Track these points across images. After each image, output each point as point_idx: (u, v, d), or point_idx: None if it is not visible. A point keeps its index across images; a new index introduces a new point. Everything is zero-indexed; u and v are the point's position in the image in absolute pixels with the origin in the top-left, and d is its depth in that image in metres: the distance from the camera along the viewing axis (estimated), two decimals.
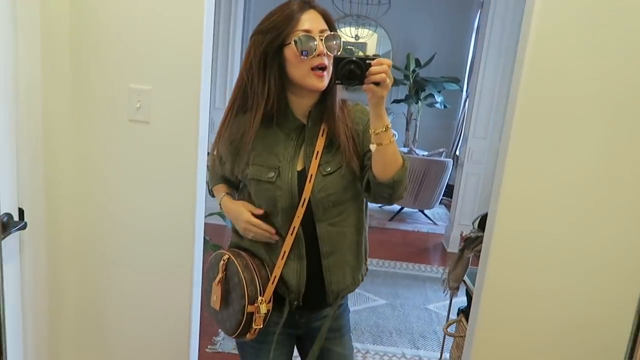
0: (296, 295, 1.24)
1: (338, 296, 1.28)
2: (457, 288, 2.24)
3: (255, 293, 1.19)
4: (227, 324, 1.24)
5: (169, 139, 1.67)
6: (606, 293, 1.63)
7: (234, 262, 1.22)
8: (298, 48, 1.13)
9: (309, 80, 1.15)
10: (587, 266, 1.62)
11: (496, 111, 4.15)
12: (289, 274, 1.22)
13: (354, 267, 1.29)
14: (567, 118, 1.53)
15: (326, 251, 1.23)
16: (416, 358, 2.68)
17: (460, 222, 4.34)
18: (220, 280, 1.23)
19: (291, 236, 1.20)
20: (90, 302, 1.83)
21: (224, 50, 4.44)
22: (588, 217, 1.59)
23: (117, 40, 1.60)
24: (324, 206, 1.20)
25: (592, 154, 1.55)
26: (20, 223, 1.39)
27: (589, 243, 1.60)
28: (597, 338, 1.67)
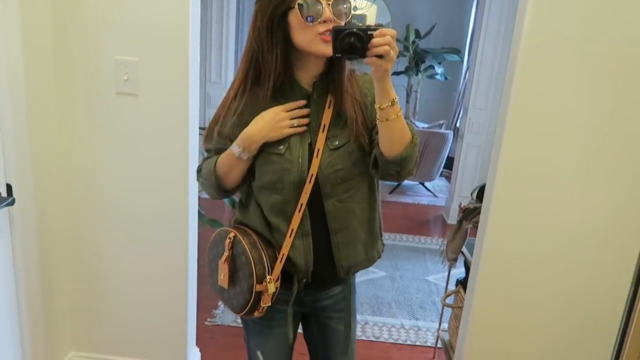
0: (305, 274, 1.20)
1: (349, 271, 1.24)
2: (456, 259, 2.23)
3: (264, 272, 1.16)
4: (234, 302, 1.21)
5: (159, 111, 1.64)
6: (603, 262, 1.62)
7: (241, 240, 1.18)
8: (302, 13, 1.05)
9: (315, 45, 1.07)
10: (584, 235, 1.60)
11: (496, 82, 4.08)
12: (296, 252, 1.18)
13: (367, 243, 1.24)
14: (565, 86, 1.50)
15: (335, 228, 1.18)
16: (415, 329, 2.70)
17: (461, 194, 4.32)
18: (227, 259, 1.20)
19: (299, 213, 1.16)
20: (83, 277, 1.83)
21: (218, 23, 4.35)
22: (586, 186, 1.56)
23: (101, 10, 1.56)
24: (332, 182, 1.15)
25: (589, 123, 1.51)
26: (9, 199, 1.37)
27: (587, 212, 1.58)
28: (594, 306, 1.66)
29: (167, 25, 1.56)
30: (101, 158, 1.69)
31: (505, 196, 1.61)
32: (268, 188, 1.17)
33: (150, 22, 1.56)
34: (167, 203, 1.73)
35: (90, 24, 1.57)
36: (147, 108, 1.63)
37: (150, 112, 1.64)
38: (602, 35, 1.45)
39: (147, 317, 1.86)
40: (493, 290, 1.70)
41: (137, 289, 1.84)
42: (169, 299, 1.84)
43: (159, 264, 1.80)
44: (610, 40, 1.45)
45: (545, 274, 1.66)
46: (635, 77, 1.46)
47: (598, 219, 1.59)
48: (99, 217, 1.76)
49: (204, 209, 2.18)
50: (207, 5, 4.22)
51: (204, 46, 4.31)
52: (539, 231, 1.62)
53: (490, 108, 4.16)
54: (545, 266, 1.65)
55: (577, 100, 1.50)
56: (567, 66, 1.48)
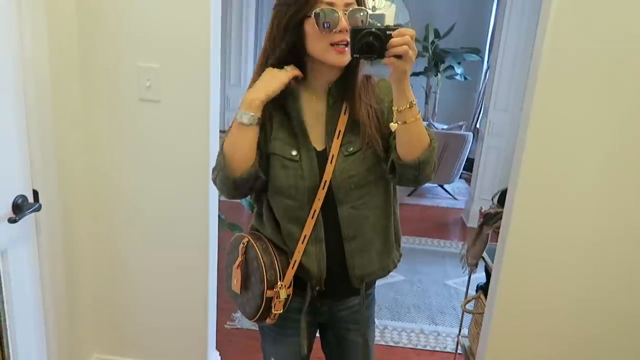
0: (318, 281, 1.19)
1: (362, 281, 1.21)
2: (476, 264, 2.20)
3: (275, 278, 1.15)
4: (247, 308, 1.21)
5: (180, 117, 1.66)
6: (630, 268, 1.58)
7: (254, 245, 1.18)
8: (318, 22, 1.05)
9: (329, 55, 1.08)
10: (609, 240, 1.57)
11: (518, 82, 4.02)
12: (309, 259, 1.17)
13: (382, 252, 1.22)
14: (588, 90, 1.47)
15: (348, 235, 1.17)
16: (434, 334, 2.68)
17: (481, 197, 4.27)
18: (240, 264, 1.20)
19: (312, 219, 1.15)
20: (107, 281, 1.86)
21: (237, 25, 4.38)
22: (610, 190, 1.53)
23: (123, 19, 1.58)
24: (346, 188, 1.14)
25: (614, 126, 1.49)
26: (35, 205, 1.40)
27: (612, 216, 1.55)
28: (619, 313, 1.63)
29: (188, 31, 1.57)
30: (125, 163, 1.71)
31: (527, 201, 1.58)
32: (282, 193, 1.16)
33: (172, 29, 1.58)
34: (189, 207, 1.75)
35: (114, 32, 1.59)
36: (169, 114, 1.65)
37: (172, 118, 1.66)
38: (626, 38, 1.42)
39: (168, 320, 1.89)
40: (515, 297, 1.67)
41: (158, 292, 1.86)
42: (190, 302, 1.86)
43: (180, 267, 1.82)
44: (633, 43, 1.42)
45: (568, 281, 1.63)
46: None
47: (623, 224, 1.55)
48: (123, 221, 1.78)
49: (223, 212, 2.20)
50: (227, 8, 4.26)
51: (223, 49, 4.34)
52: (562, 236, 1.59)
53: (512, 109, 4.10)
54: (569, 272, 1.62)
55: (601, 104, 1.47)
56: (590, 69, 1.45)
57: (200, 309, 1.87)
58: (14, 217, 1.30)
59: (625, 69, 1.44)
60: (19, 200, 1.34)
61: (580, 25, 1.43)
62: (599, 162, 1.52)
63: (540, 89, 1.49)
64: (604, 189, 1.54)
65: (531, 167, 1.55)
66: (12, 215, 1.31)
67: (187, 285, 1.84)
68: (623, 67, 1.44)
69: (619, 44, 1.42)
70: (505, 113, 4.15)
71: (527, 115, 1.54)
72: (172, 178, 1.72)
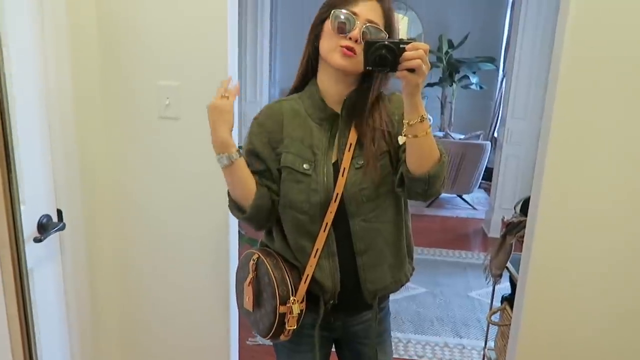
0: (332, 295, 1.18)
1: (375, 296, 1.20)
2: (500, 275, 2.17)
3: (287, 293, 1.14)
4: (260, 325, 1.20)
5: (200, 135, 1.66)
6: None
7: (264, 261, 1.17)
8: (333, 22, 1.08)
9: (334, 55, 1.09)
10: (637, 246, 1.53)
11: (535, 90, 3.98)
12: (322, 273, 1.16)
13: (394, 265, 1.21)
14: (612, 94, 1.45)
15: (360, 249, 1.16)
16: (459, 347, 2.63)
17: (501, 206, 4.21)
18: (251, 281, 1.19)
19: (324, 233, 1.14)
20: (130, 298, 1.87)
21: (252, 43, 4.43)
22: (636, 196, 1.49)
23: (143, 39, 1.61)
24: (357, 201, 1.14)
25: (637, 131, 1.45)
26: (60, 224, 1.42)
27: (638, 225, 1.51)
28: None
29: (205, 48, 1.60)
30: (146, 181, 1.73)
31: (551, 209, 1.55)
32: (293, 207, 1.16)
33: (190, 48, 1.60)
34: (209, 223, 1.76)
35: (134, 52, 1.62)
36: (189, 131, 1.67)
37: (192, 135, 1.67)
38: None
39: (190, 337, 1.88)
40: (542, 308, 1.63)
41: (180, 309, 1.86)
42: (211, 319, 1.85)
43: (202, 284, 1.82)
44: None
45: (596, 290, 1.59)
46: None
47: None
48: (144, 239, 1.79)
49: (243, 228, 2.20)
50: (242, 26, 4.32)
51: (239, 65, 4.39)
52: (589, 244, 1.56)
53: (530, 117, 4.06)
54: (597, 281, 1.58)
55: (622, 109, 1.45)
56: (611, 74, 1.43)
57: (222, 326, 1.86)
58: (39, 236, 1.32)
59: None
60: (44, 219, 1.36)
61: (599, 29, 1.41)
62: (623, 167, 1.49)
63: (561, 96, 1.47)
64: (629, 195, 1.50)
65: (554, 175, 1.53)
66: (37, 234, 1.33)
67: (208, 302, 1.84)
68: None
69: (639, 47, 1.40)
70: (524, 121, 4.11)
71: (548, 122, 1.52)
72: (193, 195, 1.73)
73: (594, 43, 1.42)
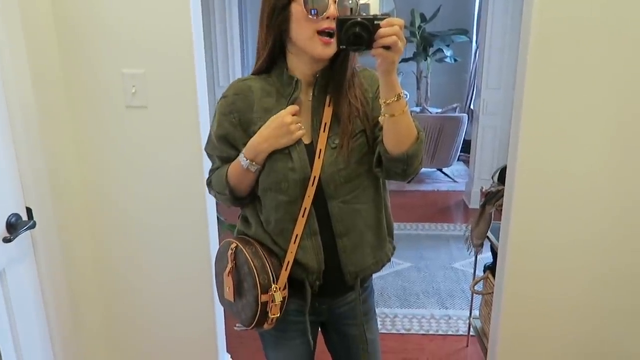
0: (317, 276, 1.16)
1: (357, 277, 1.19)
2: (482, 245, 2.19)
3: (268, 281, 1.12)
4: (243, 315, 1.18)
5: (170, 121, 1.63)
6: (635, 239, 1.57)
7: (242, 250, 1.15)
8: (306, 5, 1.01)
9: (313, 45, 1.04)
10: (614, 210, 1.56)
11: (508, 59, 4.00)
12: (305, 254, 1.14)
13: (375, 246, 1.20)
14: (584, 59, 1.45)
15: (340, 231, 1.14)
16: (445, 318, 2.67)
17: (481, 177, 4.26)
18: (231, 271, 1.17)
19: (302, 218, 1.12)
20: (110, 293, 1.84)
21: (222, 25, 4.34)
22: (613, 159, 1.51)
23: (103, 26, 1.55)
24: (336, 182, 1.11)
25: (613, 95, 1.46)
26: (30, 222, 1.37)
27: (616, 187, 1.54)
28: (626, 286, 1.61)
29: (169, 34, 1.55)
30: (117, 172, 1.69)
31: (527, 177, 1.56)
32: (273, 189, 1.13)
33: (153, 33, 1.55)
34: (186, 211, 1.73)
35: (95, 39, 1.56)
36: (158, 119, 1.63)
37: (161, 123, 1.63)
38: (618, 7, 1.39)
39: (176, 328, 1.87)
40: (523, 274, 1.66)
41: (163, 299, 1.84)
42: (196, 308, 1.84)
43: (183, 274, 1.80)
44: (627, 10, 1.39)
45: (575, 253, 1.61)
46: None
47: (629, 193, 1.53)
48: (120, 231, 1.76)
49: (222, 214, 2.17)
50: (210, 10, 4.22)
51: (209, 50, 4.30)
52: (567, 212, 1.57)
53: (504, 87, 4.08)
54: (576, 246, 1.60)
55: (595, 74, 1.46)
56: (583, 39, 1.43)
57: (207, 314, 1.85)
58: (8, 236, 1.27)
59: (620, 36, 1.42)
60: (12, 219, 1.32)
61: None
62: (597, 134, 1.50)
63: (532, 64, 1.47)
64: (605, 158, 1.52)
65: (529, 144, 1.53)
66: (6, 234, 1.28)
67: (192, 292, 1.82)
68: (617, 35, 1.42)
69: (611, 10, 1.40)
70: (498, 91, 4.13)
71: (521, 90, 1.52)
72: (167, 183, 1.69)
73: (563, 5, 1.41)
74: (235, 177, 1.16)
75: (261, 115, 1.13)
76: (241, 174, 1.14)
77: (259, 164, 1.12)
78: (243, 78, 1.19)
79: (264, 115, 1.12)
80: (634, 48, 1.42)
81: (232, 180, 1.17)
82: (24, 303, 1.42)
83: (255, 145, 1.11)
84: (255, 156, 1.11)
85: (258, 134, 1.11)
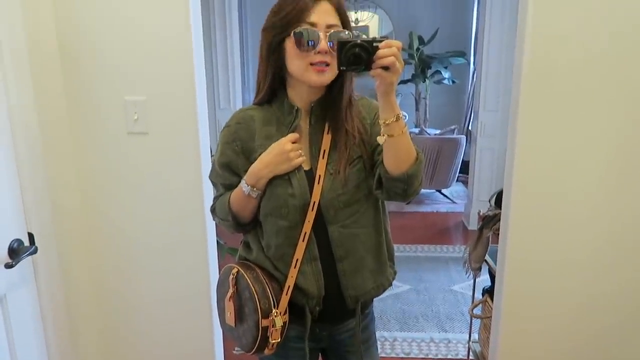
0: (317, 301, 1.17)
1: (357, 301, 1.20)
2: (480, 268, 2.20)
3: (269, 306, 1.13)
4: (243, 340, 1.19)
5: (170, 147, 1.66)
6: (632, 260, 1.58)
7: (244, 275, 1.16)
8: (297, 41, 1.06)
9: (308, 75, 1.09)
10: (610, 233, 1.57)
11: (505, 82, 4.05)
12: (306, 279, 1.15)
13: (375, 270, 1.21)
14: (576, 83, 1.48)
15: (340, 255, 1.16)
16: (445, 342, 2.65)
17: (479, 198, 4.27)
18: (232, 296, 1.18)
19: (303, 242, 1.14)
20: (110, 316, 1.84)
21: (222, 52, 4.41)
22: (608, 181, 1.53)
23: (106, 56, 1.59)
24: (335, 207, 1.13)
25: (606, 118, 1.49)
26: (31, 247, 1.39)
27: (611, 210, 1.55)
28: (626, 307, 1.62)
29: (171, 61, 1.58)
30: (118, 198, 1.71)
31: (523, 201, 1.58)
32: (273, 214, 1.16)
33: (154, 60, 1.58)
34: (186, 235, 1.74)
35: (98, 67, 1.60)
36: (159, 144, 1.65)
37: (162, 148, 1.66)
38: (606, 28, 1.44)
39: (175, 351, 1.86)
40: (521, 298, 1.66)
41: (162, 323, 1.84)
42: (195, 331, 1.84)
43: (182, 297, 1.80)
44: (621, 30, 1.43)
45: (572, 279, 1.62)
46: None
47: (624, 215, 1.55)
48: (121, 256, 1.77)
49: (222, 238, 2.19)
50: (210, 33, 4.29)
51: (210, 73, 4.37)
52: (562, 234, 1.59)
53: (502, 109, 4.12)
54: (572, 270, 1.61)
55: (587, 97, 1.48)
56: (575, 63, 1.46)
57: (206, 337, 1.85)
58: (10, 262, 1.29)
59: (611, 60, 1.45)
60: (15, 244, 1.33)
61: (560, 17, 1.44)
62: (591, 157, 1.52)
63: (525, 88, 1.50)
64: (599, 183, 1.54)
65: (524, 167, 1.56)
66: (8, 260, 1.30)
67: (190, 314, 1.82)
68: (608, 59, 1.45)
69: (606, 31, 1.43)
70: (496, 113, 4.17)
71: (515, 115, 1.55)
72: (167, 208, 1.71)
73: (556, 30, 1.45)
74: (237, 204, 1.18)
75: (262, 142, 1.16)
76: (243, 200, 1.17)
77: (260, 189, 1.15)
78: (245, 108, 1.24)
79: (265, 142, 1.16)
80: (629, 70, 1.45)
81: (235, 206, 1.19)
82: (24, 327, 1.42)
83: (256, 172, 1.14)
84: (256, 182, 1.14)
85: (259, 160, 1.14)
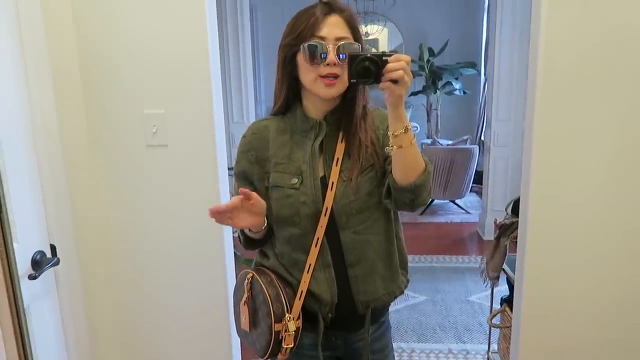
0: (331, 307, 1.18)
1: (368, 306, 1.21)
2: (497, 278, 2.18)
3: (282, 310, 1.14)
4: (257, 345, 1.20)
5: (188, 159, 1.68)
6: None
7: (258, 279, 1.18)
8: (306, 55, 1.11)
9: (317, 87, 1.12)
10: (629, 239, 1.55)
11: (517, 91, 4.05)
12: (319, 285, 1.17)
13: (386, 277, 1.22)
14: (590, 89, 1.48)
15: (351, 260, 1.17)
16: (463, 352, 2.62)
17: (494, 208, 4.24)
18: (247, 300, 1.20)
19: (315, 248, 1.15)
20: (130, 329, 1.85)
21: (235, 64, 4.47)
22: (626, 189, 1.52)
23: (126, 70, 1.62)
24: (347, 213, 1.15)
25: (619, 124, 1.49)
26: (54, 259, 1.41)
27: (629, 216, 1.54)
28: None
29: (189, 75, 1.61)
30: (137, 209, 1.73)
31: (541, 208, 1.57)
32: (285, 222, 1.18)
33: (173, 74, 1.61)
34: (204, 247, 1.75)
35: (118, 81, 1.63)
36: (177, 157, 1.67)
37: (181, 160, 1.68)
38: (621, 34, 1.44)
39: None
40: (540, 307, 1.64)
41: (181, 336, 1.84)
42: (213, 343, 1.84)
43: (201, 310, 1.81)
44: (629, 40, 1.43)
45: (592, 285, 1.60)
46: None
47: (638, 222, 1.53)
48: (140, 268, 1.79)
49: (239, 249, 2.20)
50: (223, 48, 4.35)
51: (224, 87, 4.43)
52: (582, 241, 1.57)
53: (514, 119, 4.11)
54: (592, 277, 1.59)
55: (602, 104, 1.48)
56: (589, 70, 1.47)
57: (224, 349, 1.85)
58: (33, 273, 1.31)
59: (624, 66, 1.45)
60: (38, 256, 1.36)
61: (572, 26, 1.45)
62: (607, 162, 1.51)
63: (540, 96, 1.50)
64: (615, 189, 1.53)
65: (541, 174, 1.55)
66: (31, 271, 1.32)
67: (209, 327, 1.82)
68: (621, 65, 1.45)
69: (614, 40, 1.44)
70: (508, 123, 4.16)
71: (531, 123, 1.55)
72: (185, 220, 1.73)
73: (567, 39, 1.45)
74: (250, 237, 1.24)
75: (275, 151, 1.20)
76: (250, 237, 1.23)
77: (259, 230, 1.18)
78: (261, 119, 1.28)
79: (278, 151, 1.20)
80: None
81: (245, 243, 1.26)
82: (46, 339, 1.44)
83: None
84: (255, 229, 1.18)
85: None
